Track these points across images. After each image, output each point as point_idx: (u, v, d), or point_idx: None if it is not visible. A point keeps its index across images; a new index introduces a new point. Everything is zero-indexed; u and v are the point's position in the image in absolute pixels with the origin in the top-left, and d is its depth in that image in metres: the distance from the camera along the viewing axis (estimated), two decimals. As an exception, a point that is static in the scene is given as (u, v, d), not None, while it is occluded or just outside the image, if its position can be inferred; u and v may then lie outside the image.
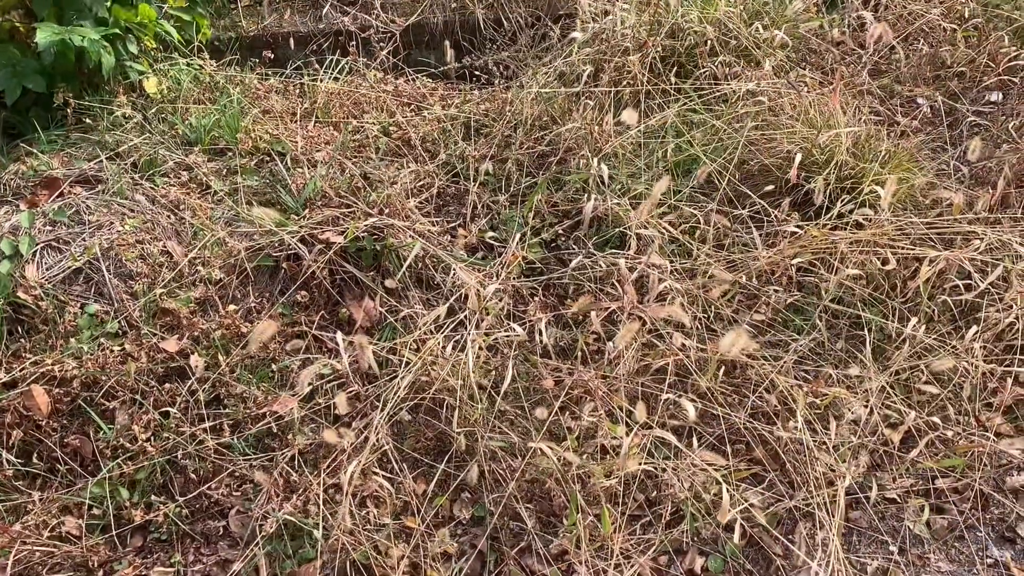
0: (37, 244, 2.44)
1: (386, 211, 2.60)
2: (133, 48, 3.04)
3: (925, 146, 2.98)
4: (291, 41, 3.81)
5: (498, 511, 2.11)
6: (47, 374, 2.23)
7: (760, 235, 2.48)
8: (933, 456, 2.24)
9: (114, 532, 2.09)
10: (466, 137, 3.11)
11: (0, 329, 2.32)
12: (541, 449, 2.01)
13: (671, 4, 3.13)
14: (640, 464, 1.95)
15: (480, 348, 2.27)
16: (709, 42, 3.06)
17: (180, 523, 2.11)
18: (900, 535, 2.15)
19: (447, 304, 2.31)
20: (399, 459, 2.18)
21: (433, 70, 3.72)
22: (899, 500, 2.21)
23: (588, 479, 2.08)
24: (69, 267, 2.41)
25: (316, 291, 2.48)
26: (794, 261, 2.41)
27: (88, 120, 2.91)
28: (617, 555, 1.98)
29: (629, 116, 1.85)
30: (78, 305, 2.36)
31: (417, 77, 3.57)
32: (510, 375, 2.16)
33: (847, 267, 2.37)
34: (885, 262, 2.38)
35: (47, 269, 2.41)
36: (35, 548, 2.03)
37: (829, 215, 2.51)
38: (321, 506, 2.00)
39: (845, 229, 2.47)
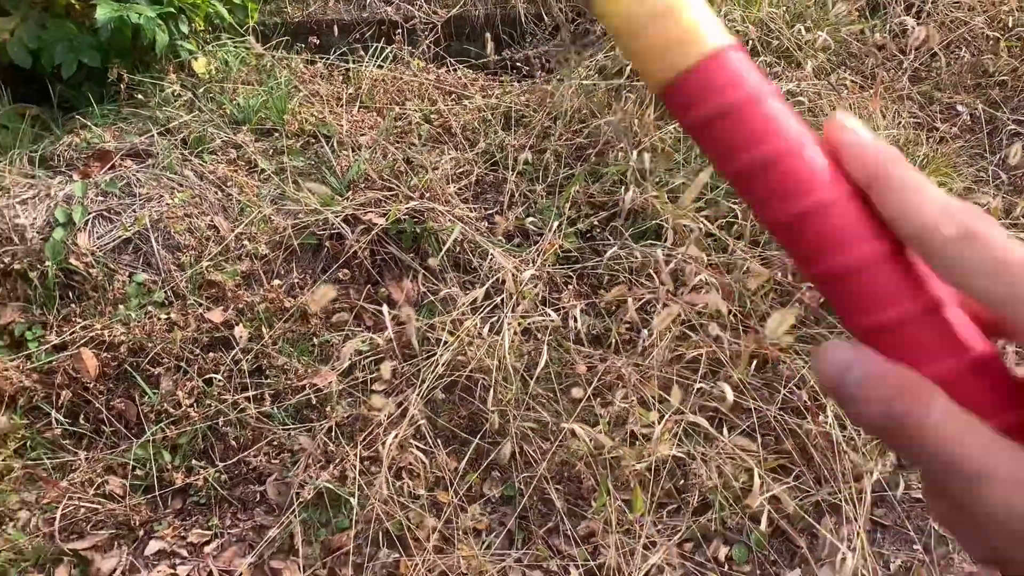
0: (89, 213, 2.51)
1: (427, 195, 2.65)
2: (184, 28, 3.11)
3: (964, 152, 2.99)
4: (335, 28, 3.87)
5: (528, 491, 2.16)
6: (96, 338, 2.31)
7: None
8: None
9: (156, 493, 2.15)
10: (506, 127, 3.15)
11: (52, 293, 2.40)
12: (573, 431, 2.05)
13: (714, 2, 3.16)
14: (671, 450, 1.99)
15: (515, 331, 2.31)
16: (751, 42, 3.09)
17: (219, 488, 2.18)
18: (925, 534, 2.17)
19: (484, 287, 2.36)
20: (433, 435, 2.23)
21: (473, 61, 3.77)
22: (924, 499, 2.23)
23: (618, 463, 2.12)
24: (119, 237, 2.48)
25: (357, 270, 2.54)
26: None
27: (140, 96, 2.98)
28: (643, 539, 2.01)
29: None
30: (127, 274, 2.43)
31: (458, 67, 3.62)
32: (544, 359, 2.20)
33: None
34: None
35: (98, 238, 2.49)
36: (80, 504, 2.10)
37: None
38: (358, 475, 2.06)
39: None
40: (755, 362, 2.31)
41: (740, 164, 0.36)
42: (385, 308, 2.10)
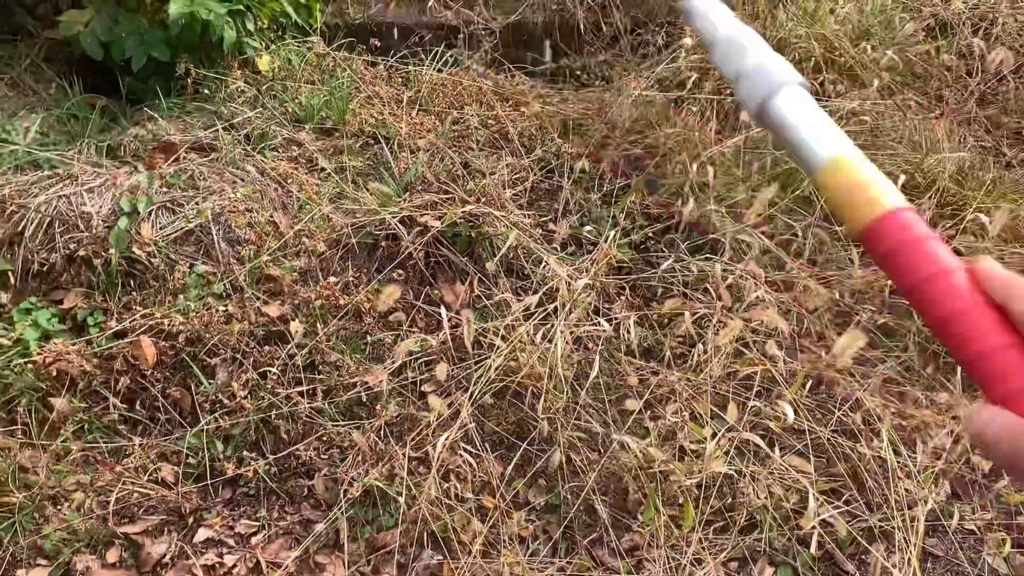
0: (153, 204, 2.56)
1: (483, 200, 2.66)
2: (250, 25, 3.17)
3: (1031, 179, 2.92)
4: (395, 31, 3.91)
5: (575, 501, 2.15)
6: (155, 327, 2.35)
7: (857, 253, 2.47)
8: (1019, 490, 2.20)
9: (207, 482, 2.19)
10: (562, 135, 3.15)
11: (115, 281, 2.45)
12: (623, 443, 2.04)
13: (779, 17, 3.13)
14: (724, 467, 1.97)
15: (567, 340, 2.31)
16: (815, 58, 3.06)
17: (268, 480, 2.20)
18: (978, 567, 2.12)
19: (538, 294, 2.36)
20: (481, 439, 2.24)
21: (531, 68, 3.78)
22: (979, 532, 2.18)
23: (666, 478, 2.11)
24: (181, 228, 2.53)
25: (411, 271, 2.56)
26: (890, 283, 2.40)
27: (205, 91, 3.04)
28: (690, 555, 1.99)
29: (747, 117, 1.86)
30: (187, 264, 2.48)
31: (516, 74, 3.63)
32: (596, 368, 2.19)
33: (943, 292, 2.34)
34: (983, 291, 2.34)
35: (161, 228, 2.54)
36: (133, 489, 2.14)
37: (928, 239, 2.48)
38: (406, 475, 2.07)
39: (944, 255, 2.44)
40: (809, 382, 2.28)
41: (911, 280, 0.52)
42: (443, 310, 2.11)
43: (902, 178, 2.49)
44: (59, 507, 2.11)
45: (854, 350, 1.32)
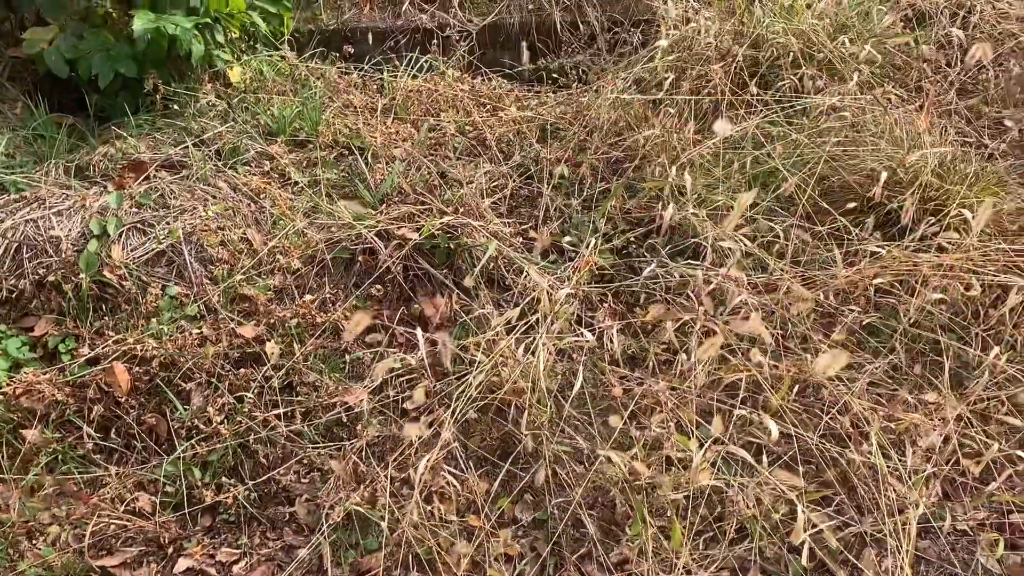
0: (124, 225, 2.51)
1: (461, 210, 2.62)
2: (220, 37, 3.11)
3: (1014, 170, 2.89)
4: (369, 36, 3.86)
5: (562, 516, 2.11)
6: (128, 352, 2.30)
7: (840, 253, 2.43)
8: (1011, 490, 2.18)
9: (186, 511, 2.14)
10: (541, 139, 3.11)
11: (86, 306, 2.39)
12: (609, 457, 2.00)
13: (755, 14, 3.10)
14: (711, 479, 1.94)
15: (549, 352, 2.27)
16: (792, 54, 3.02)
17: (248, 506, 2.16)
18: (971, 569, 2.09)
19: (519, 307, 2.32)
20: (464, 458, 2.20)
21: (508, 71, 3.73)
22: (971, 533, 2.16)
23: (654, 490, 2.07)
24: (153, 249, 2.48)
25: (390, 285, 2.51)
26: (874, 281, 2.37)
27: (174, 106, 2.98)
28: (680, 568, 1.96)
29: (721, 127, 1.83)
30: (160, 287, 2.43)
31: (493, 77, 3.58)
32: (580, 380, 2.15)
33: (928, 291, 2.32)
34: (968, 288, 2.32)
35: (132, 250, 2.48)
36: (110, 521, 2.09)
37: (912, 236, 2.46)
38: (388, 499, 2.02)
39: (928, 251, 2.41)
40: (796, 387, 2.25)
41: None
42: (419, 332, 2.07)
43: (884, 175, 2.46)
44: (34, 542, 2.06)
45: (836, 369, 1.29)
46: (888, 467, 2.10)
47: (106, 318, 2.40)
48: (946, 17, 3.43)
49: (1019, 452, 2.12)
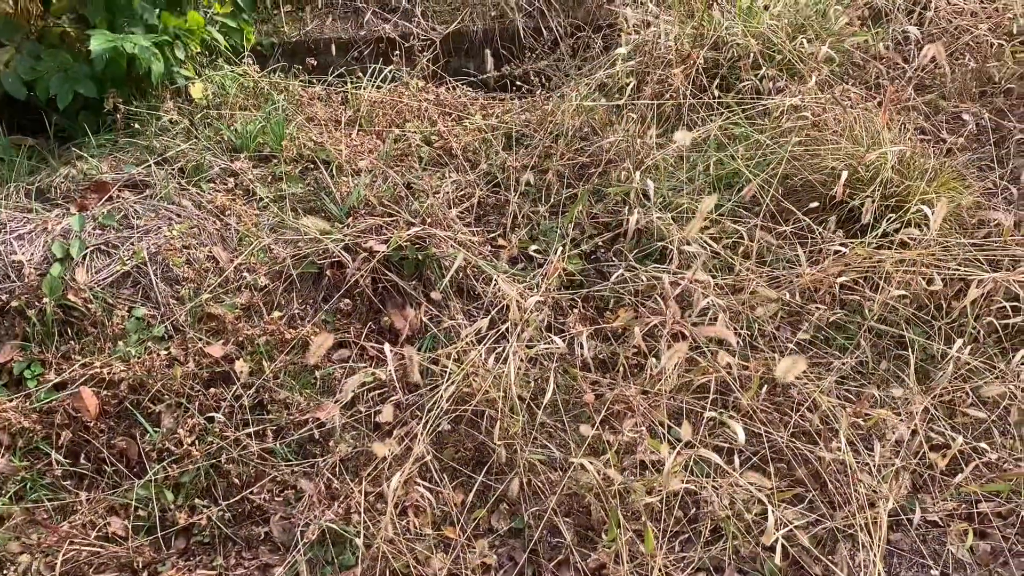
0: (87, 248, 2.48)
1: (428, 221, 2.62)
2: (180, 54, 3.09)
3: (972, 164, 2.95)
4: (332, 47, 3.85)
5: (538, 524, 2.12)
6: (95, 376, 2.27)
7: (804, 252, 2.46)
8: (978, 480, 2.22)
9: (159, 534, 2.12)
10: (507, 147, 3.12)
11: (51, 331, 2.37)
12: (582, 464, 2.01)
13: (715, 17, 3.13)
14: (682, 482, 1.95)
15: (520, 360, 2.28)
16: (752, 55, 3.05)
17: (223, 527, 2.14)
18: (942, 559, 2.13)
19: (488, 317, 2.32)
20: (439, 469, 2.19)
21: (473, 78, 3.73)
22: (941, 523, 2.19)
23: (628, 495, 2.08)
24: (117, 271, 2.45)
25: (359, 299, 2.50)
26: (838, 279, 2.40)
27: (136, 125, 2.95)
28: (656, 571, 1.97)
29: (681, 137, 1.85)
30: (126, 308, 2.40)
31: (458, 86, 3.58)
32: (551, 388, 2.16)
33: (892, 287, 2.35)
34: (931, 282, 2.36)
35: (96, 272, 2.46)
36: (82, 548, 2.06)
37: (874, 233, 2.49)
38: (363, 514, 2.02)
39: (890, 248, 2.45)
40: (765, 386, 2.27)
41: None
42: (387, 347, 2.07)
43: (845, 173, 2.49)
44: (4, 572, 2.03)
45: (796, 374, 1.31)
46: (857, 462, 2.13)
47: (72, 342, 2.37)
48: (902, 14, 3.48)
49: (983, 444, 2.16)
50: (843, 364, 2.36)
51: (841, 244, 2.47)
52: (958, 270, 2.39)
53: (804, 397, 2.25)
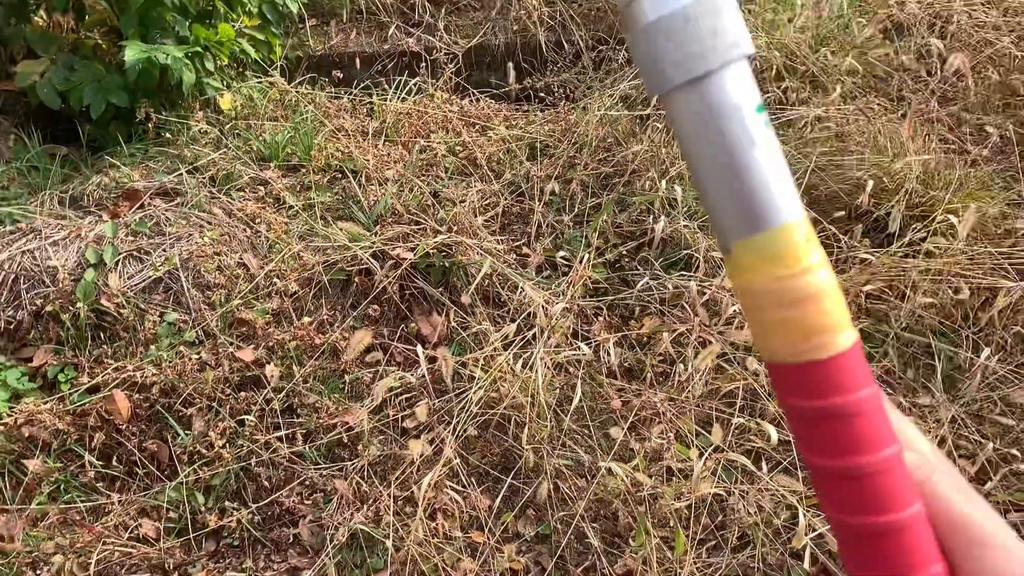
0: (120, 254, 2.52)
1: (454, 228, 2.65)
2: (210, 65, 3.14)
3: (996, 175, 2.95)
4: (357, 60, 3.90)
5: (565, 530, 2.12)
6: (128, 380, 2.30)
7: (830, 261, 2.47)
8: (1007, 489, 2.20)
9: (190, 536, 2.14)
10: (531, 157, 3.15)
11: (84, 335, 2.40)
12: (610, 469, 2.02)
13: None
14: (711, 488, 1.96)
15: (547, 366, 2.29)
16: (776, 67, 3.07)
17: (252, 529, 2.16)
18: (972, 569, 2.11)
19: (516, 323, 2.34)
20: (467, 473, 2.21)
21: (495, 91, 3.77)
22: (970, 533, 2.18)
23: (656, 500, 2.09)
24: (149, 276, 2.49)
25: (386, 305, 2.53)
26: (864, 288, 2.40)
27: (167, 135, 3.00)
28: (684, 577, 1.98)
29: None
30: (157, 313, 2.44)
31: (481, 98, 3.62)
32: (578, 394, 2.17)
33: (918, 295, 2.36)
34: (957, 291, 2.36)
35: (128, 278, 2.49)
36: (115, 549, 2.09)
37: (900, 243, 2.50)
38: (392, 517, 2.03)
39: (916, 257, 2.45)
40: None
41: (836, 464, 0.38)
42: (419, 348, 2.09)
43: (871, 183, 2.50)
44: (38, 572, 2.06)
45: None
46: (886, 470, 2.13)
47: (105, 346, 2.40)
48: (924, 27, 3.50)
49: (1013, 451, 2.15)
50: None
51: (867, 253, 2.47)
52: (985, 279, 2.39)
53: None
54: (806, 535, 1.82)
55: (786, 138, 2.89)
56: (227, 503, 2.19)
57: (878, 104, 3.06)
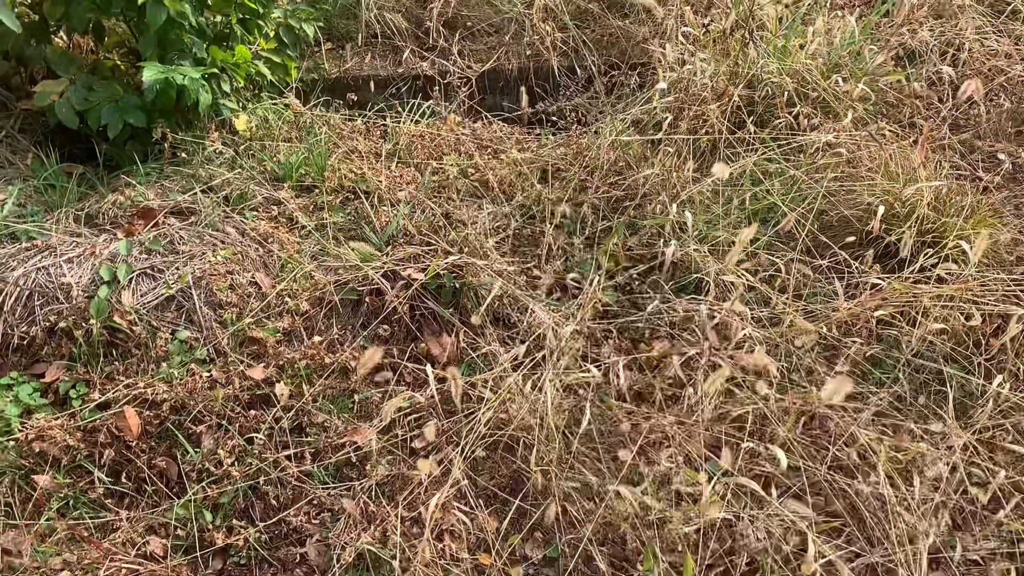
0: (133, 271, 2.54)
1: (465, 250, 2.66)
2: (226, 87, 3.18)
3: (1008, 202, 2.94)
4: (371, 84, 3.94)
5: (573, 553, 2.11)
6: (138, 397, 2.32)
7: (841, 286, 2.47)
8: (1020, 518, 2.18)
9: (197, 553, 2.14)
10: (542, 180, 3.16)
11: (96, 351, 2.42)
12: (619, 492, 2.01)
13: (750, 55, 3.17)
14: (721, 512, 1.94)
15: (556, 388, 2.29)
16: (787, 93, 3.09)
17: (260, 548, 2.16)
18: (985, 599, 2.09)
19: (526, 344, 2.34)
20: (474, 495, 2.20)
21: (508, 114, 3.80)
22: (982, 563, 2.15)
23: (664, 525, 2.07)
24: (162, 294, 2.51)
25: (397, 326, 2.54)
26: (875, 313, 2.40)
27: (182, 155, 3.04)
28: (693, 603, 1.96)
29: (720, 169, 1.87)
30: (169, 331, 2.45)
31: (494, 121, 3.65)
32: (587, 416, 2.17)
33: (930, 321, 2.35)
34: (969, 317, 2.35)
35: (142, 295, 2.51)
36: (122, 565, 2.09)
37: (911, 268, 2.49)
38: (399, 537, 2.03)
39: (927, 283, 2.45)
40: (802, 419, 2.26)
41: None
42: (429, 368, 2.09)
43: (882, 209, 2.51)
44: (45, 588, 2.06)
45: (842, 396, 1.32)
46: (896, 497, 2.11)
47: (116, 363, 2.42)
48: (936, 55, 3.51)
49: (1026, 479, 2.13)
50: (880, 399, 2.35)
51: (878, 278, 2.47)
52: (997, 306, 2.38)
53: (842, 431, 2.24)
54: (815, 562, 1.80)
55: (797, 164, 2.90)
56: (235, 521, 2.19)
57: (889, 130, 3.07)
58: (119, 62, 3.27)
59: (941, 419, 2.30)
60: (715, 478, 1.95)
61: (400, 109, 3.53)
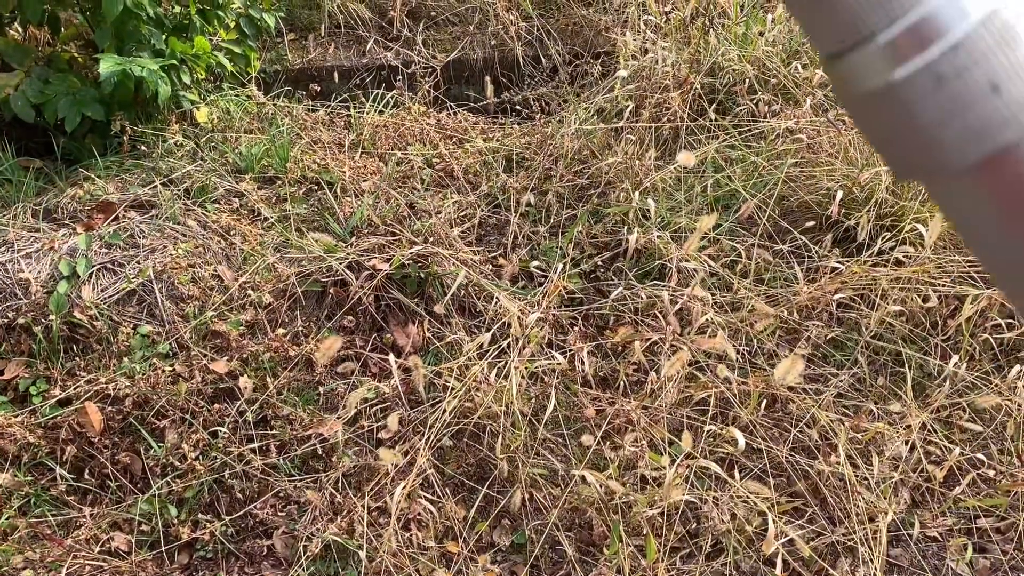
0: (93, 266, 2.51)
1: (430, 240, 2.66)
2: (186, 78, 3.14)
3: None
4: (335, 75, 3.91)
5: (539, 539, 2.13)
6: (100, 392, 2.29)
7: (801, 270, 2.50)
8: (976, 495, 2.23)
9: (162, 548, 2.12)
10: (507, 169, 3.17)
11: (56, 347, 2.39)
12: (584, 477, 2.03)
13: (711, 43, 3.19)
14: (683, 494, 1.97)
15: (522, 375, 2.30)
16: (748, 80, 3.11)
17: (226, 542, 2.15)
18: (942, 574, 2.14)
19: (491, 332, 2.35)
20: (441, 483, 2.21)
21: (473, 104, 3.80)
22: (941, 538, 2.20)
23: (629, 509, 2.10)
24: (123, 289, 2.48)
25: (361, 316, 2.53)
26: (835, 297, 2.43)
27: (142, 148, 3.00)
28: (658, 585, 1.98)
29: (685, 159, 1.89)
30: (131, 326, 2.43)
31: (459, 111, 3.64)
32: (552, 403, 2.18)
33: (888, 304, 2.39)
34: (926, 299, 2.39)
35: (102, 290, 2.48)
36: (86, 562, 2.07)
37: (870, 252, 2.53)
38: (366, 528, 2.03)
39: (886, 266, 2.49)
40: (764, 401, 2.29)
41: None
42: (392, 357, 2.09)
43: (840, 193, 2.54)
44: (7, 587, 2.04)
45: (795, 375, 1.34)
46: (856, 476, 2.15)
47: (77, 359, 2.39)
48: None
49: (980, 456, 2.18)
50: (841, 380, 2.39)
51: (838, 262, 2.51)
52: (953, 287, 2.43)
53: (803, 412, 2.28)
54: (776, 540, 1.83)
55: (758, 150, 2.93)
56: (200, 515, 2.18)
57: (848, 116, 3.10)
58: (76, 54, 3.22)
59: (900, 399, 2.35)
60: (678, 460, 1.98)
61: (364, 99, 3.52)
